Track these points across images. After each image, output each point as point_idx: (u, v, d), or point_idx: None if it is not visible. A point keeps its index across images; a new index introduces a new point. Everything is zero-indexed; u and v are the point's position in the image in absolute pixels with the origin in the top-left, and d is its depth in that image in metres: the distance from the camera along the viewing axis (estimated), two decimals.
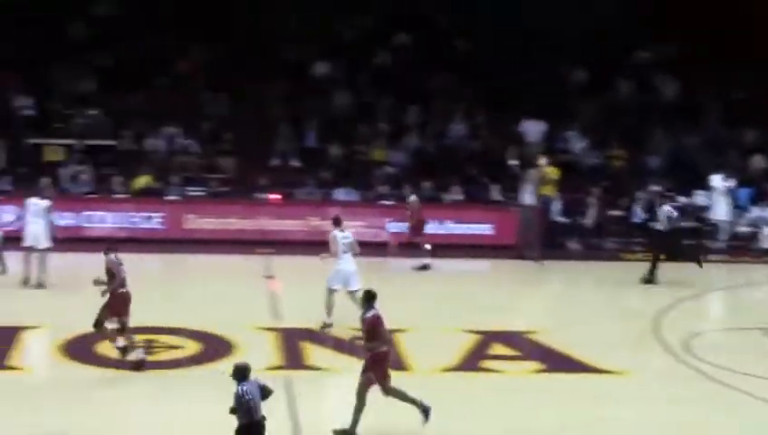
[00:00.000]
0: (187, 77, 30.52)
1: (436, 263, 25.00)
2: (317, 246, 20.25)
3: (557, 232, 27.65)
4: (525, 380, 17.08)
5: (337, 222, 19.41)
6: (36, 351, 17.58)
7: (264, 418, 12.14)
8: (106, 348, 17.13)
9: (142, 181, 27.23)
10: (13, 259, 22.20)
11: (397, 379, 14.19)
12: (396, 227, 26.18)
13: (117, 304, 16.48)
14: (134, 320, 16.68)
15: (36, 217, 21.37)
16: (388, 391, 13.98)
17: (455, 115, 30.55)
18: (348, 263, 19.04)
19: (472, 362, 17.73)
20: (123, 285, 16.56)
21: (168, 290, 21.92)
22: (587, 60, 31.58)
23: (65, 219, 25.03)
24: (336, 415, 14.24)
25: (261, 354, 17.31)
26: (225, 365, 14.87)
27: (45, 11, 29.84)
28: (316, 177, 28.39)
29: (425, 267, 24.63)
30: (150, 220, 26.42)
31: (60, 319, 18.83)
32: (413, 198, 25.60)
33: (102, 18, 31.21)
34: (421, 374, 16.84)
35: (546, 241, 26.75)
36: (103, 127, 28.93)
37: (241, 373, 12.18)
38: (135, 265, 17.56)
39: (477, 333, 19.05)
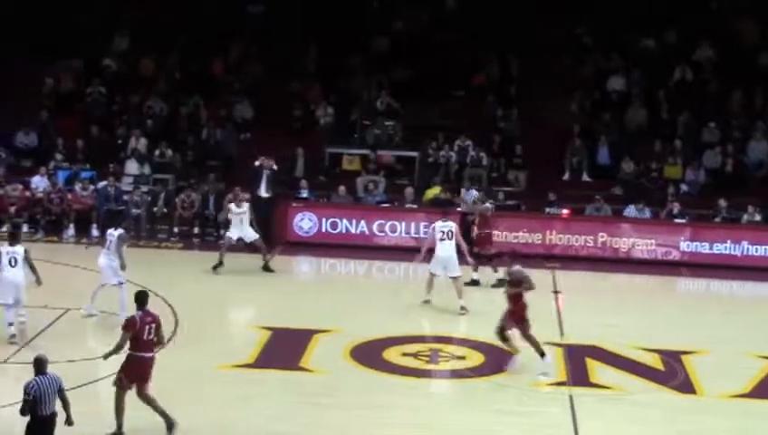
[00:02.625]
0: (481, 90, 30.81)
1: (728, 286, 24.12)
2: (606, 262, 20.00)
3: None
4: None
5: (445, 214, 21.36)
6: (326, 353, 18.15)
7: (54, 414, 12.23)
8: (392, 354, 17.53)
9: (434, 192, 27.65)
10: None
11: (685, 401, 13.79)
12: (689, 245, 25.52)
13: (519, 311, 17.11)
14: (427, 329, 17.02)
15: None
16: None
17: (756, 133, 29.40)
18: (445, 249, 20.33)
19: (763, 390, 17.03)
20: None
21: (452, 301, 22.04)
22: None
23: (358, 228, 25.82)
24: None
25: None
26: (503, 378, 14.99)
27: (349, 27, 30.89)
28: (607, 193, 27.97)
29: (474, 283, 22.89)
30: None
31: (352, 324, 19.40)
32: (488, 205, 24.26)
33: (402, 33, 31.99)
34: (710, 398, 16.36)
35: None
36: (399, 138, 29.65)
37: (37, 366, 12.34)
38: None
39: None
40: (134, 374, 14.09)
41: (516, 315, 17.15)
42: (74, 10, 30.69)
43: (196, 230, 26.12)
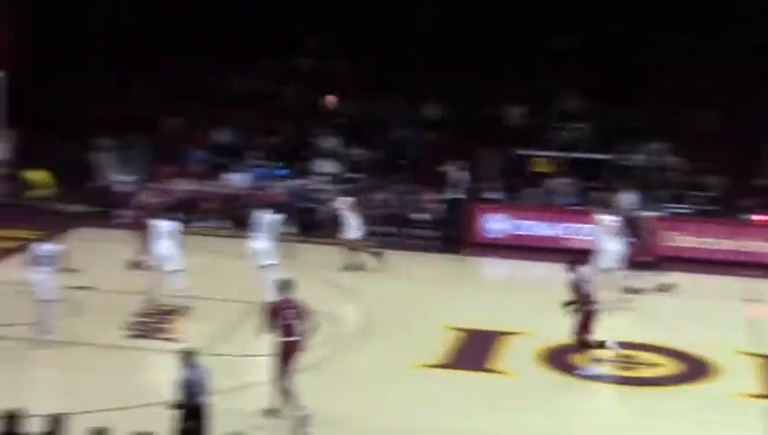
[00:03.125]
0: (673, 91, 30.11)
1: None
2: None
3: None
4: None
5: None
6: (516, 356, 18.07)
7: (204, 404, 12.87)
8: (583, 359, 17.33)
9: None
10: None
11: None
12: None
13: (585, 319, 16.76)
14: (617, 335, 16.80)
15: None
16: None
17: None
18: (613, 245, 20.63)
19: None
20: (591, 301, 16.82)
21: (646, 307, 21.63)
22: None
23: (549, 230, 25.62)
24: None
25: (741, 380, 16.83)
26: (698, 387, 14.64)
27: (533, 26, 30.61)
28: None
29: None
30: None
31: (542, 327, 19.26)
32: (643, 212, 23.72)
33: (590, 33, 31.51)
34: None
35: None
36: (590, 141, 29.27)
37: (187, 358, 13.10)
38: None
39: None
40: (281, 358, 14.63)
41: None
42: (269, 10, 31.43)
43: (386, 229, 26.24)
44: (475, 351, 18.35)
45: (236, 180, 27.02)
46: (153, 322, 19.01)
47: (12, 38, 29.13)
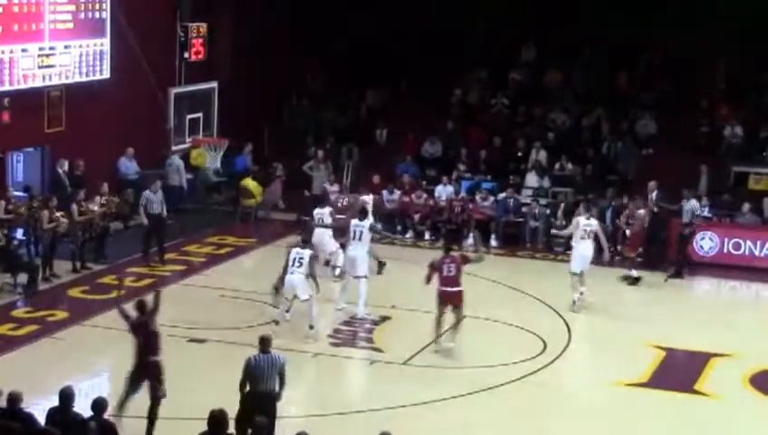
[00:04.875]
0: None
1: None
2: None
3: None
4: None
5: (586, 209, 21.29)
6: (724, 378, 17.48)
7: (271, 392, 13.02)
8: None
9: None
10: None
11: None
12: None
13: None
14: None
15: None
16: None
17: None
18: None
19: None
20: None
21: None
22: None
23: (764, 250, 24.72)
24: None
25: None
26: None
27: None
28: None
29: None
30: None
31: (754, 349, 18.65)
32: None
33: None
34: None
35: None
36: None
37: (261, 344, 13.26)
38: None
39: None
40: (442, 301, 17.72)
41: None
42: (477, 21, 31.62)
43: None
44: (680, 371, 17.91)
45: (442, 192, 27.09)
46: (355, 331, 19.25)
47: (226, 48, 30.12)
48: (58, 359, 17.25)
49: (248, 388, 13.12)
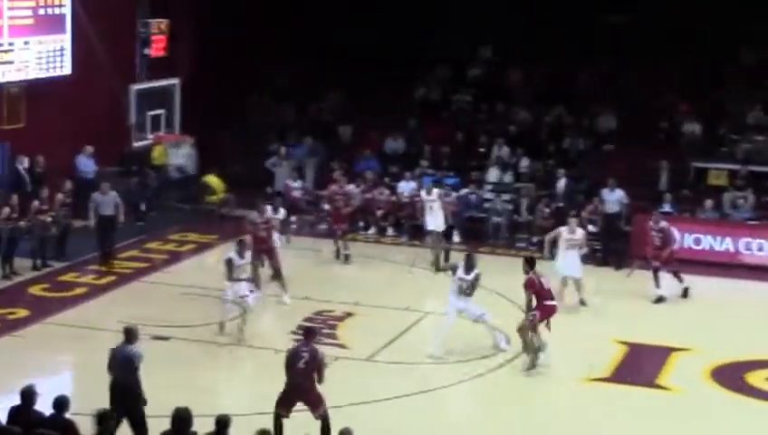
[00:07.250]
0: None
1: None
2: None
3: None
4: None
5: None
6: (685, 373, 17.63)
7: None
8: (757, 378, 16.81)
9: None
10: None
11: None
12: None
13: None
14: None
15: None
16: None
17: None
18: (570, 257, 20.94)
19: None
20: None
21: None
22: None
23: (723, 245, 24.95)
24: None
25: None
26: None
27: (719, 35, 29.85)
28: None
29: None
30: None
31: (710, 343, 18.76)
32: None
33: None
34: None
35: None
36: None
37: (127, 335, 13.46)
38: None
39: None
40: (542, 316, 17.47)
41: None
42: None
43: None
44: (642, 366, 18.03)
45: (405, 188, 27.10)
46: (319, 327, 19.22)
47: (187, 45, 29.99)
48: (19, 357, 17.14)
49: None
